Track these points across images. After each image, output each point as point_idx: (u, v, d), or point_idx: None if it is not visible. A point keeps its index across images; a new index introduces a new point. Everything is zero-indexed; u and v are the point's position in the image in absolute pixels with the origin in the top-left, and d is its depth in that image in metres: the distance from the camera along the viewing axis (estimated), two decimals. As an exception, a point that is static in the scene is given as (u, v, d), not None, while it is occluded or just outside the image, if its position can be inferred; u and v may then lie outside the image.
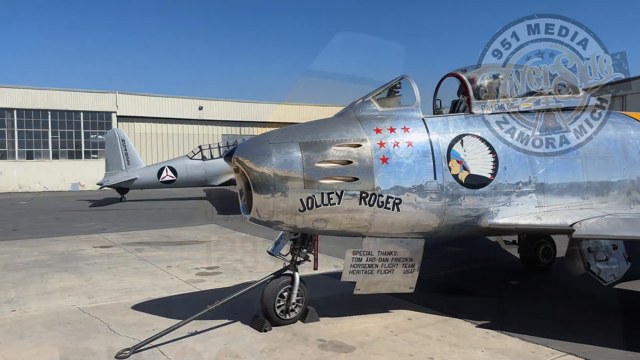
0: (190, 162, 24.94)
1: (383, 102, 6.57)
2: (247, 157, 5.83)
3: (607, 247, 6.58)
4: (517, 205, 6.46)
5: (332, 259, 9.93)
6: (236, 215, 6.59)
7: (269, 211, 5.80)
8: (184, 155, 26.58)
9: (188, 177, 24.56)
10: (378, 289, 6.49)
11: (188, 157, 25.51)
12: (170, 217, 19.10)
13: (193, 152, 25.79)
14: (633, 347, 5.49)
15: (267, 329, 6.06)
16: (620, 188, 6.99)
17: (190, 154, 25.70)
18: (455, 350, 5.49)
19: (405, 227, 6.25)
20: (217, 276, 9.17)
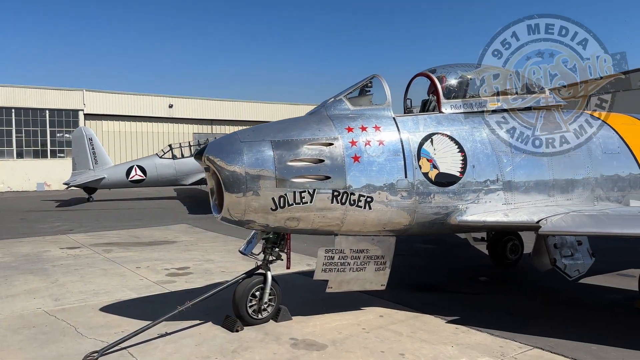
0: (160, 161, 24.55)
1: (354, 101, 6.60)
2: (218, 156, 5.78)
3: (572, 243, 6.78)
4: (485, 203, 6.58)
5: (305, 257, 9.93)
6: (207, 215, 6.52)
7: (240, 210, 5.76)
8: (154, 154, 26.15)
9: (158, 176, 24.19)
10: (350, 287, 6.53)
11: (158, 156, 25.12)
12: (139, 217, 18.78)
13: (163, 150, 25.41)
14: (597, 339, 5.66)
15: (239, 329, 6.02)
16: (585, 185, 7.20)
17: (160, 153, 25.31)
18: (425, 346, 5.57)
19: (377, 225, 6.29)
20: (188, 277, 9.06)
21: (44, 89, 37.07)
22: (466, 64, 7.62)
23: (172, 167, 24.30)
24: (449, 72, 7.35)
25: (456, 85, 7.26)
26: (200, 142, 24.53)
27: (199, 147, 20.81)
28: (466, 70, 7.44)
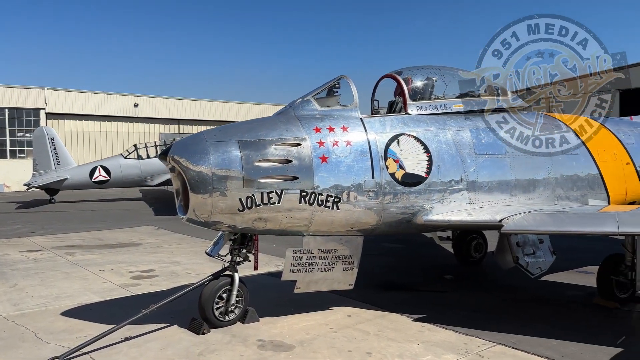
0: (124, 161, 24.01)
1: (322, 102, 6.62)
2: (184, 156, 5.70)
3: (534, 241, 6.97)
4: (450, 203, 6.70)
5: (274, 258, 9.90)
6: (174, 216, 6.42)
7: (206, 211, 5.70)
8: (118, 155, 25.54)
9: (122, 177, 23.64)
10: (318, 287, 6.54)
11: (122, 156, 24.55)
12: (103, 218, 18.34)
13: (128, 151, 24.85)
14: (557, 335, 5.84)
15: (205, 332, 5.95)
16: (546, 185, 7.40)
17: (124, 153, 24.74)
18: (392, 345, 5.63)
19: (345, 225, 6.32)
20: (153, 279, 8.90)
21: (3, 87, 35.71)
22: (432, 66, 7.74)
23: (138, 168, 23.79)
24: (415, 74, 7.45)
25: (422, 86, 7.37)
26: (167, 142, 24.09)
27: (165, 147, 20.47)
28: (432, 72, 7.56)
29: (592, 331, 6.00)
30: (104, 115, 38.95)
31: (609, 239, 9.91)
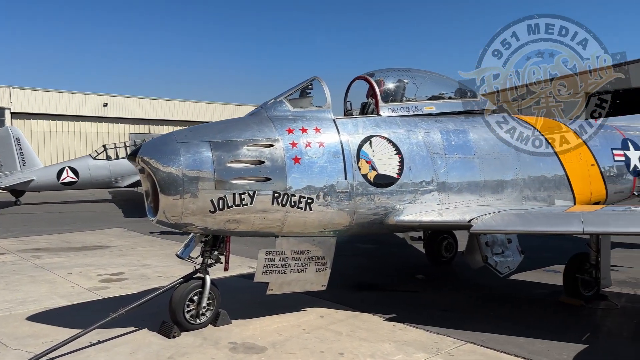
0: (93, 162, 23.50)
1: (295, 103, 6.62)
2: (153, 157, 5.62)
3: (503, 241, 7.12)
4: (421, 203, 6.78)
5: (247, 260, 9.84)
6: (144, 218, 6.33)
7: (177, 213, 5.63)
8: (87, 155, 24.99)
9: (91, 178, 23.14)
10: (291, 289, 6.53)
11: (91, 156, 24.04)
12: (71, 221, 17.92)
13: (97, 151, 24.34)
14: (525, 332, 5.97)
15: (176, 335, 5.86)
16: (514, 186, 7.56)
17: (93, 154, 24.23)
18: (364, 344, 5.66)
19: (318, 226, 6.33)
20: (122, 282, 8.73)
21: (-35, 86, 34.59)
22: (403, 69, 7.83)
23: (107, 169, 23.32)
24: (387, 76, 7.53)
25: (394, 89, 7.44)
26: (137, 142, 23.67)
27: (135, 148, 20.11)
28: (403, 74, 7.64)
29: (558, 329, 6.16)
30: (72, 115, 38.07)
31: (576, 238, 10.18)
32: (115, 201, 24.80)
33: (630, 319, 6.76)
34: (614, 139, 9.45)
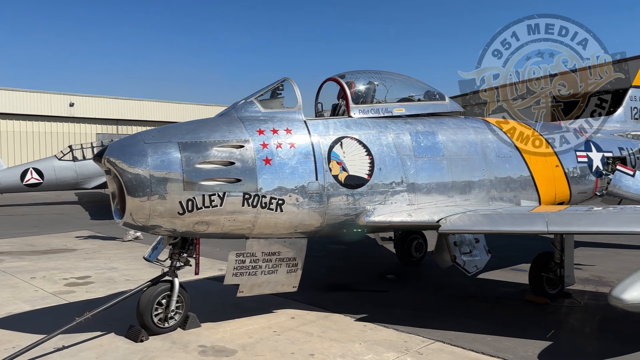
0: (59, 163, 22.85)
1: (266, 104, 6.60)
2: (120, 158, 5.52)
3: (471, 240, 7.24)
4: (391, 204, 6.84)
5: (217, 262, 9.74)
6: (112, 220, 6.20)
7: (144, 215, 5.54)
8: (52, 156, 24.28)
9: (57, 179, 22.49)
10: (262, 290, 6.50)
11: (57, 157, 23.36)
12: (36, 223, 17.40)
13: (63, 152, 23.68)
14: (492, 330, 6.09)
15: (144, 339, 5.77)
16: (481, 187, 7.70)
17: (59, 155, 23.55)
18: (335, 345, 5.68)
19: (289, 228, 6.32)
20: (88, 286, 8.53)
21: None
22: (373, 71, 7.89)
23: (73, 170, 22.71)
24: (358, 78, 7.57)
25: (364, 90, 7.50)
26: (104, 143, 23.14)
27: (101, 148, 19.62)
28: (373, 76, 7.70)
29: (524, 326, 6.30)
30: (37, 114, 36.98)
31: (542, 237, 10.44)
32: (82, 203, 24.19)
33: (592, 315, 6.97)
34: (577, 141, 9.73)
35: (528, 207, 7.73)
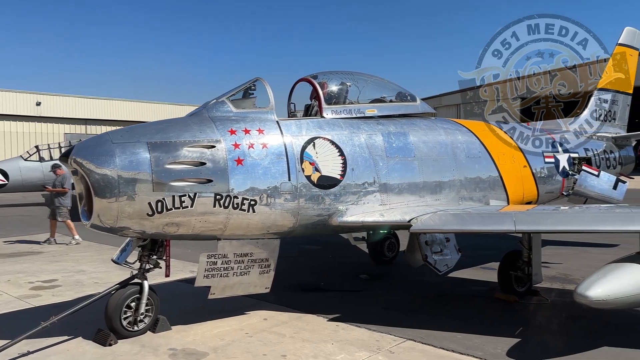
0: (25, 164, 22.21)
1: (237, 104, 6.56)
2: (87, 158, 5.40)
3: (441, 240, 7.34)
4: (364, 204, 6.87)
5: (189, 264, 9.62)
6: (80, 222, 6.06)
7: (112, 216, 5.43)
8: (18, 157, 23.60)
9: (22, 180, 21.85)
10: (234, 292, 6.44)
11: (22, 158, 22.71)
12: (0, 226, 16.88)
13: (29, 152, 23.04)
14: (462, 328, 6.18)
15: (112, 343, 5.66)
16: (451, 187, 7.81)
17: (25, 155, 22.91)
18: (307, 346, 5.67)
19: (261, 228, 6.28)
20: (55, 290, 8.32)
21: None
22: (346, 72, 7.91)
23: (40, 171, 22.08)
24: (330, 79, 7.59)
25: (337, 91, 7.51)
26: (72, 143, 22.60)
27: (70, 149, 19.14)
28: (346, 77, 7.73)
29: (493, 324, 6.41)
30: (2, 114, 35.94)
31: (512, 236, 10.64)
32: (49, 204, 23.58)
33: (559, 312, 7.13)
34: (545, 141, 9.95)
35: (497, 207, 7.87)
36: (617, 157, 11.84)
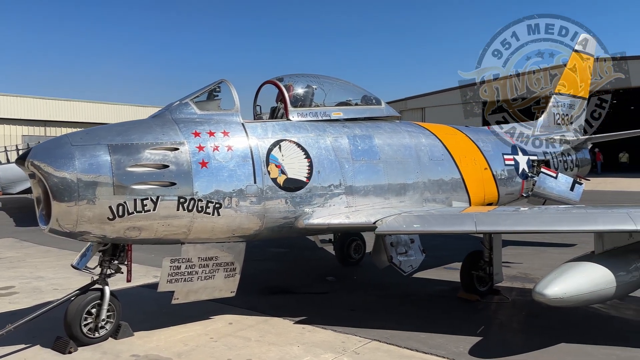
0: (-20, 167, 21.37)
1: (202, 106, 6.49)
2: (44, 161, 5.24)
3: (406, 241, 7.43)
4: (330, 206, 6.90)
5: (152, 269, 9.43)
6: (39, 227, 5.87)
7: (71, 221, 5.29)
8: (-28, 159, 22.70)
9: (-23, 184, 21.02)
10: (198, 296, 6.36)
11: (-23, 161, 21.86)
12: (-48, 231, 16.15)
13: (-16, 155, 22.21)
14: (426, 328, 6.28)
15: (72, 351, 5.51)
16: (415, 189, 7.93)
17: (-20, 158, 22.07)
18: (273, 349, 5.66)
19: (227, 232, 6.23)
20: (12, 297, 8.03)
21: None
22: (312, 75, 7.94)
23: (-4, 174, 21.31)
24: (296, 81, 7.60)
25: (303, 94, 7.53)
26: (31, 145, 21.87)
27: (29, 151, 18.52)
28: (312, 80, 7.75)
29: (456, 323, 6.54)
30: (-46, 114, 34.49)
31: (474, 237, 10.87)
32: (6, 209, 22.70)
33: (519, 311, 7.32)
34: (504, 144, 10.23)
35: (459, 208, 8.03)
36: (574, 159, 12.27)
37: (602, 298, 5.87)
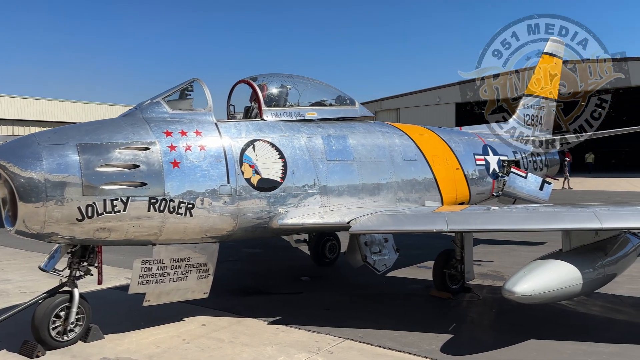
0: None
1: (174, 105, 6.42)
2: (10, 161, 5.11)
3: (380, 240, 7.50)
4: (304, 206, 6.90)
5: (123, 270, 9.28)
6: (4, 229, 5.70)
7: (39, 222, 5.16)
8: None
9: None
10: (170, 298, 6.29)
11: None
12: None
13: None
14: (399, 326, 6.35)
15: (40, 355, 5.39)
16: (389, 189, 8.00)
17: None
18: (246, 350, 5.63)
19: (199, 232, 6.17)
20: (-23, 301, 7.78)
21: None
22: (286, 74, 7.93)
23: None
24: (270, 81, 7.58)
25: (277, 94, 7.51)
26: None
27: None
28: (286, 80, 7.74)
29: (428, 321, 6.62)
30: None
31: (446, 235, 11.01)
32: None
33: (490, 308, 7.46)
34: (475, 145, 10.40)
35: (431, 208, 8.13)
36: (543, 159, 12.56)
37: (570, 295, 6.02)
